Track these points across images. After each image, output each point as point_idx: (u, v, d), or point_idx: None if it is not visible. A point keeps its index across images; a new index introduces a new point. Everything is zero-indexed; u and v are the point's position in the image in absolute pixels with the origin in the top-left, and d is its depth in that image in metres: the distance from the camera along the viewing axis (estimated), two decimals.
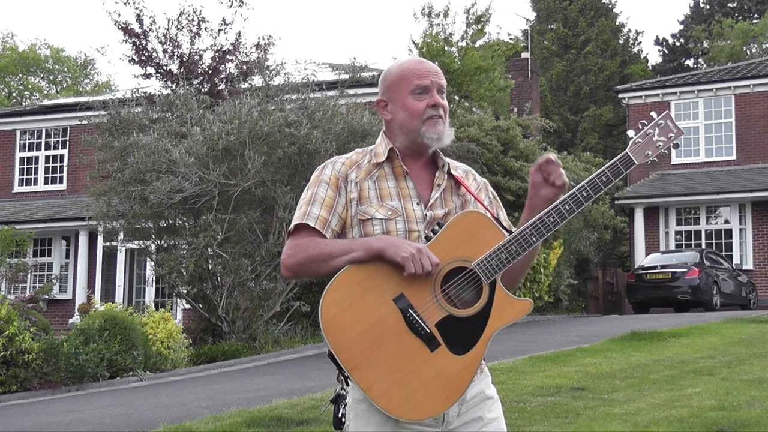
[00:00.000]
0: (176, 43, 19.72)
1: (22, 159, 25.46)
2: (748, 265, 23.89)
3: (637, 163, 2.65)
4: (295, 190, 13.64)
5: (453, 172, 2.74)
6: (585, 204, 2.61)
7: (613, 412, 7.00)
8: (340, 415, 2.61)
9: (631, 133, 2.69)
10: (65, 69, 46.63)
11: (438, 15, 24.92)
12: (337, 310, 2.50)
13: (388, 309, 2.50)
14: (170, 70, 19.57)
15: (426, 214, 2.63)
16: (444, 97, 2.71)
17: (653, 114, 2.71)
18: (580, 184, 2.61)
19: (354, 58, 18.06)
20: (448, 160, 2.77)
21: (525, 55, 29.36)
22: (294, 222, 2.64)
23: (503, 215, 2.76)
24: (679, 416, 6.72)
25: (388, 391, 2.48)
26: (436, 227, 2.58)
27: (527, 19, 40.49)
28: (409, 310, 2.50)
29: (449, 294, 2.54)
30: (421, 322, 2.49)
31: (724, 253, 23.53)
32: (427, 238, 2.57)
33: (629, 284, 22.40)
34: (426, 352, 2.49)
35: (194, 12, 19.83)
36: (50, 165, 25.20)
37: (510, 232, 2.60)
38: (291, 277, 2.66)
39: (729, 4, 45.38)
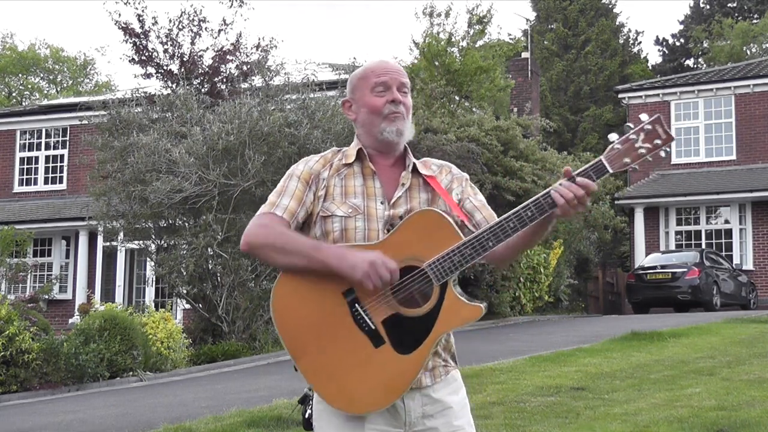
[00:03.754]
0: (177, 43, 19.70)
1: (22, 159, 25.46)
2: (748, 265, 23.89)
3: (611, 171, 2.46)
4: None
5: (424, 170, 2.68)
6: (548, 211, 2.47)
7: (613, 412, 7.00)
8: (307, 415, 2.63)
9: (612, 136, 2.49)
10: (65, 69, 46.63)
11: (440, 15, 24.90)
12: (288, 300, 2.51)
13: (336, 301, 2.49)
14: (170, 70, 19.54)
15: (387, 213, 2.59)
16: (407, 95, 2.68)
17: (643, 117, 2.48)
18: (546, 190, 2.50)
19: (354, 58, 18.07)
20: (423, 159, 2.74)
21: (525, 55, 29.34)
22: (262, 210, 2.62)
23: (480, 214, 2.66)
24: (679, 416, 6.72)
25: (329, 383, 2.49)
26: (390, 227, 2.55)
27: (527, 19, 40.51)
28: (356, 304, 2.48)
29: (401, 291, 2.49)
30: (366, 318, 2.48)
31: (724, 253, 23.52)
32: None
33: (629, 284, 22.39)
34: (370, 348, 2.48)
35: (195, 12, 19.83)
36: (50, 165, 25.20)
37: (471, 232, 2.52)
38: (246, 252, 2.62)
39: (729, 4, 45.38)
